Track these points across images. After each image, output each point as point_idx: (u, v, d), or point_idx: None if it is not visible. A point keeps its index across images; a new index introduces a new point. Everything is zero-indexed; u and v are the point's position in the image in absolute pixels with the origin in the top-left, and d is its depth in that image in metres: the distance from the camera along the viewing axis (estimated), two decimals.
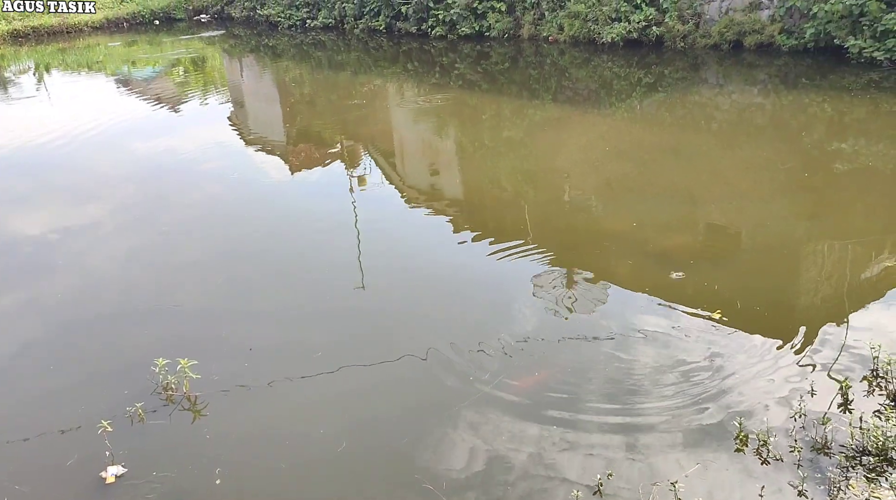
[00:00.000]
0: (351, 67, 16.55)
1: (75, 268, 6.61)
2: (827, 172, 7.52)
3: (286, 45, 20.30)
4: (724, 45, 12.80)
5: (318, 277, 6.10)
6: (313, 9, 21.58)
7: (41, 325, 5.60)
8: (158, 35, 24.74)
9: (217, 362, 4.77)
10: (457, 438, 3.93)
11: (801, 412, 3.84)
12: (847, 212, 6.66)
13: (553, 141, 9.70)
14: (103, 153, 10.71)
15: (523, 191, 7.88)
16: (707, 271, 5.56)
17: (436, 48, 16.84)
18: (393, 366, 4.64)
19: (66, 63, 20.68)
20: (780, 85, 10.85)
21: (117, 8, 26.54)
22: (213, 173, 9.46)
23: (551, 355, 4.62)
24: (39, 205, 8.53)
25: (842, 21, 10.98)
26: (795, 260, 5.77)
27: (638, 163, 8.09)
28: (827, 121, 9.13)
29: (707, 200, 7.01)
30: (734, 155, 8.11)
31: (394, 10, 18.59)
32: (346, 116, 12.25)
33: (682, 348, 4.58)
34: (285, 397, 4.45)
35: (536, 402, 4.16)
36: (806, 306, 5.18)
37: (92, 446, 4.02)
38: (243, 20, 24.97)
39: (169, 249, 6.94)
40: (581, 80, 12.98)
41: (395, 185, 8.58)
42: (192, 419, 4.30)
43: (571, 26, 14.92)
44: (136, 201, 8.38)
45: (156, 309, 5.71)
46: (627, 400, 4.11)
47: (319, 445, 4.00)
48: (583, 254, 6.24)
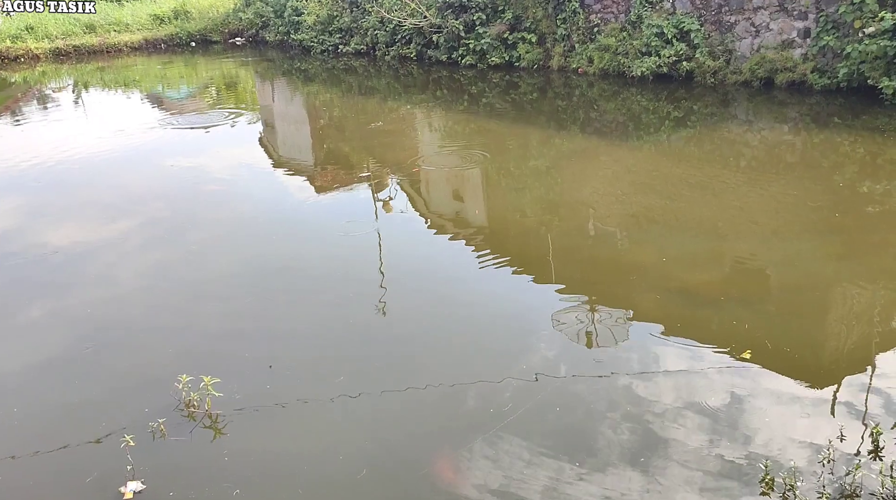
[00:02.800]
0: (381, 93, 16.76)
1: (103, 282, 6.71)
2: (858, 214, 7.42)
3: (318, 70, 20.64)
4: (755, 83, 12.77)
5: (341, 298, 6.12)
6: (346, 35, 21.96)
7: (67, 338, 5.68)
8: (194, 56, 25.32)
9: (239, 381, 4.79)
10: (475, 469, 3.90)
11: (830, 458, 3.75)
12: (877, 254, 6.56)
13: (579, 172, 9.71)
14: (135, 170, 10.92)
15: (548, 220, 7.88)
16: (734, 309, 5.49)
17: (465, 77, 17.02)
18: (414, 393, 4.63)
19: (104, 81, 21.23)
20: (811, 124, 10.78)
21: (156, 29, 27.26)
22: (241, 192, 9.60)
23: (570, 386, 4.58)
24: (71, 218, 8.70)
25: (876, 62, 10.91)
26: (824, 301, 5.68)
27: (665, 197, 8.06)
28: (859, 161, 9.03)
29: (734, 237, 6.94)
30: (763, 192, 8.04)
31: (425, 38, 18.85)
32: (374, 141, 12.38)
33: (706, 386, 4.51)
34: (306, 419, 4.45)
35: (554, 435, 4.12)
36: (834, 348, 5.08)
37: (114, 460, 4.05)
38: (277, 44, 25.48)
39: (196, 265, 7.03)
40: (609, 112, 13.01)
41: (420, 210, 8.63)
42: (212, 437, 4.31)
43: (601, 59, 15.00)
44: (165, 217, 8.52)
45: (181, 325, 5.77)
46: (647, 439, 4.05)
47: (339, 470, 3.98)
48: (606, 287, 6.21)
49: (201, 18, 27.88)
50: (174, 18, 27.84)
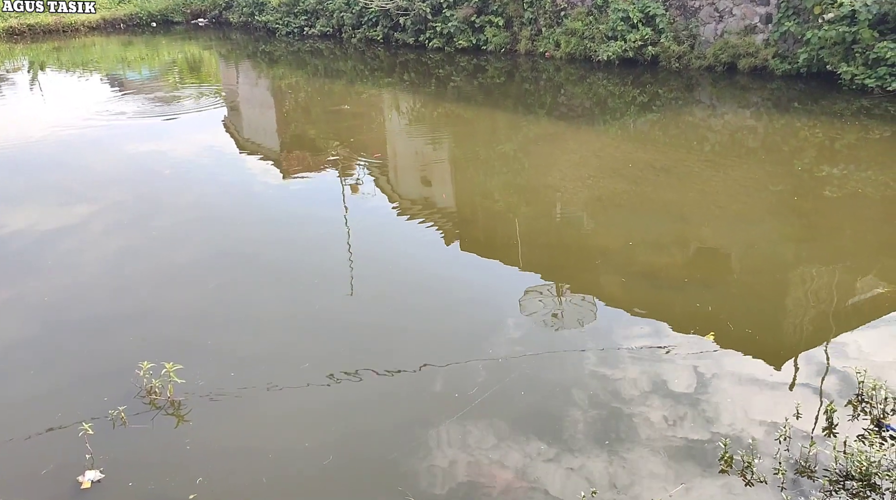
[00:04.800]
0: (347, 76, 16.57)
1: (63, 268, 6.55)
2: (817, 197, 7.58)
3: (283, 52, 20.32)
4: (719, 67, 12.92)
5: (307, 283, 6.07)
6: (311, 17, 21.63)
7: (26, 325, 5.54)
8: (155, 37, 24.72)
9: (203, 368, 4.73)
10: (443, 452, 3.91)
11: (787, 435, 3.84)
12: (836, 236, 6.71)
13: (546, 156, 9.74)
14: (95, 154, 10.65)
15: (515, 205, 7.90)
16: (698, 291, 5.57)
17: (432, 60, 16.90)
18: (381, 378, 4.62)
19: (61, 62, 20.61)
20: (772, 108, 10.95)
21: (115, 9, 26.53)
22: (205, 177, 9.43)
23: (537, 369, 4.61)
24: (29, 204, 8.46)
25: (835, 48, 11.11)
26: (784, 283, 5.80)
27: (630, 181, 8.13)
28: (818, 145, 9.21)
29: (698, 221, 7.04)
30: (725, 176, 8.16)
31: (392, 21, 18.66)
32: (341, 125, 12.25)
33: (668, 368, 4.58)
34: (271, 406, 4.41)
35: (521, 418, 4.15)
36: (793, 328, 5.19)
37: (72, 449, 3.97)
38: (241, 25, 24.99)
39: (159, 251, 6.89)
40: (576, 96, 13.05)
41: (387, 194, 8.58)
42: (174, 425, 4.25)
43: (568, 43, 15.02)
44: (126, 203, 8.33)
45: (143, 312, 5.66)
46: (612, 418, 4.11)
47: (304, 457, 3.96)
48: (573, 270, 6.25)
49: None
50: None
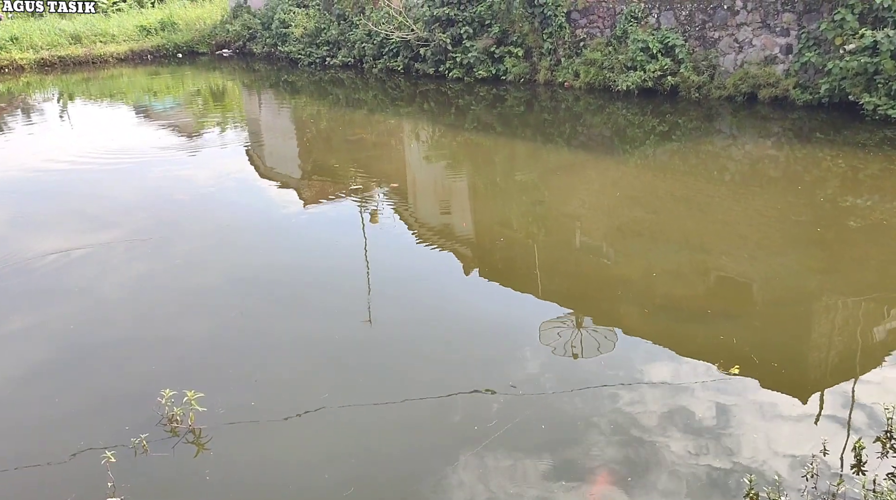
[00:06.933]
0: (368, 105, 16.79)
1: (86, 294, 6.64)
2: (840, 227, 7.50)
3: (305, 82, 20.65)
4: (739, 98, 12.92)
5: (327, 311, 6.10)
6: (333, 47, 22.00)
7: (49, 351, 5.61)
8: (181, 68, 25.26)
9: (223, 395, 4.75)
10: (463, 484, 3.88)
11: (814, 472, 3.76)
12: (860, 268, 6.63)
13: (566, 185, 9.76)
14: (121, 181, 10.84)
15: (534, 233, 7.90)
16: (721, 323, 5.52)
17: (452, 90, 17.08)
18: (400, 407, 4.61)
19: (90, 92, 21.10)
20: (793, 138, 10.91)
21: (143, 41, 27.16)
22: (226, 204, 9.55)
23: (555, 403, 4.57)
24: (55, 229, 8.62)
25: (856, 78, 11.07)
26: (808, 315, 5.72)
27: (650, 210, 8.11)
28: (840, 176, 9.14)
29: (719, 251, 6.99)
30: (747, 206, 8.11)
31: (412, 51, 18.92)
32: (361, 153, 12.39)
33: (692, 401, 4.52)
34: (291, 434, 4.41)
35: (541, 450, 4.11)
36: (818, 362, 5.12)
37: (94, 477, 3.99)
38: (264, 56, 25.46)
39: (181, 277, 6.97)
40: (595, 126, 13.10)
41: (407, 222, 8.63)
42: (195, 453, 4.26)
43: (587, 73, 15.12)
44: (149, 229, 8.45)
45: (164, 338, 5.71)
46: (633, 452, 4.05)
47: (325, 487, 3.94)
48: (592, 300, 6.23)
49: (188, 30, 27.80)
50: (161, 30, 27.74)
